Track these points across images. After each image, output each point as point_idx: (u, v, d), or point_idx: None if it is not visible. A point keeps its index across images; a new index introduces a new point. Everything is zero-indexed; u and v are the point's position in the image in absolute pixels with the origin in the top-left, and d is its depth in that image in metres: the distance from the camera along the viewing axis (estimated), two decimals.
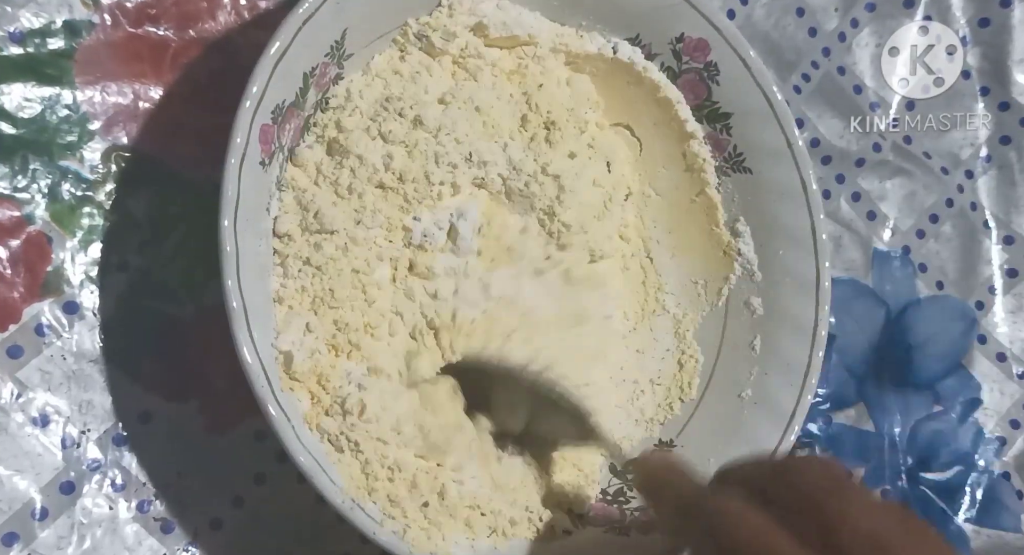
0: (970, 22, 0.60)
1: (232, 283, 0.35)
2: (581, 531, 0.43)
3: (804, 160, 0.47)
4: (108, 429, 0.40)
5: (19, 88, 0.40)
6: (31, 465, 0.38)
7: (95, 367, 0.40)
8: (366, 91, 0.42)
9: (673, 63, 0.48)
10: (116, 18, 0.42)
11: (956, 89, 0.60)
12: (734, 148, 0.48)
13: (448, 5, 0.43)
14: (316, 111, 0.41)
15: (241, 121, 0.35)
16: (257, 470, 0.42)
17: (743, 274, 0.48)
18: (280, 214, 0.39)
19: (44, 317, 0.39)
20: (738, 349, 0.48)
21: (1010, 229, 0.60)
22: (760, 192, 0.48)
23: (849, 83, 0.58)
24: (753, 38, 0.54)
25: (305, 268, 0.39)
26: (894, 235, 0.58)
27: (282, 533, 0.42)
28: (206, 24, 0.44)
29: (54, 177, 0.40)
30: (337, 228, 0.40)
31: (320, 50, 0.39)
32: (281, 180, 0.40)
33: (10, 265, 0.39)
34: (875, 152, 0.58)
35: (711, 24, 0.46)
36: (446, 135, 0.42)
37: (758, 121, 0.47)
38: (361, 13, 0.40)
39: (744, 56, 0.47)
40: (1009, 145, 0.60)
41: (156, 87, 0.42)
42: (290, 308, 0.39)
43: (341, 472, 0.37)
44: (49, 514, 0.38)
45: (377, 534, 0.37)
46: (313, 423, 0.38)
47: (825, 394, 0.55)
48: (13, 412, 0.38)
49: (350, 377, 0.39)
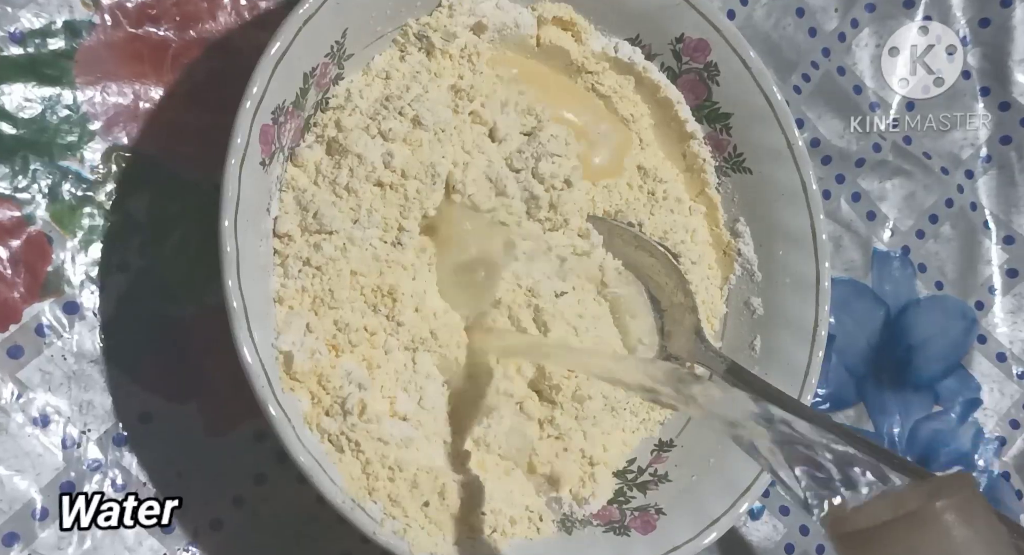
0: (970, 22, 0.60)
1: (232, 283, 0.35)
2: (581, 531, 0.43)
3: (804, 160, 0.47)
4: (108, 429, 0.40)
5: (19, 88, 0.40)
6: (31, 465, 0.38)
7: (95, 367, 0.40)
8: (366, 91, 0.42)
9: (673, 63, 0.48)
10: (116, 18, 0.42)
11: (956, 89, 0.60)
12: (734, 148, 0.48)
13: (448, 5, 0.43)
14: (316, 111, 0.41)
15: (241, 121, 0.35)
16: (257, 470, 0.42)
17: (743, 274, 0.49)
18: (280, 214, 0.39)
19: (44, 317, 0.39)
20: (738, 349, 0.48)
21: (1010, 229, 0.60)
22: (760, 192, 0.48)
23: (849, 83, 0.58)
24: (753, 38, 0.54)
25: (305, 268, 0.39)
26: (894, 235, 0.58)
27: (282, 533, 0.42)
28: (206, 24, 0.44)
29: (54, 177, 0.40)
30: (336, 228, 0.40)
31: (320, 50, 0.39)
32: (281, 180, 0.40)
33: (10, 265, 0.39)
34: (875, 152, 0.58)
35: (711, 24, 0.46)
36: (446, 134, 0.42)
37: (758, 121, 0.47)
38: (361, 13, 0.40)
39: (744, 56, 0.47)
40: (1009, 145, 0.61)
41: (156, 87, 0.42)
42: (290, 308, 0.39)
43: (341, 472, 0.37)
44: (49, 514, 0.38)
45: (377, 534, 0.37)
46: (313, 423, 0.38)
47: (825, 394, 0.55)
48: (13, 412, 0.38)
49: (350, 377, 0.39)
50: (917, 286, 0.58)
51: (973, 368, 0.58)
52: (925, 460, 0.56)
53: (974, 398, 0.58)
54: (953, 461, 0.57)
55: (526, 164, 0.43)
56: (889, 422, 0.56)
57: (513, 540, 0.41)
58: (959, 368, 0.58)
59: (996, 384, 0.58)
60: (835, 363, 0.55)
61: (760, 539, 0.51)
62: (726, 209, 0.49)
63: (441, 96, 0.43)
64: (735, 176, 0.49)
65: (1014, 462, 0.58)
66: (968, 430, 0.57)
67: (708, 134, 0.49)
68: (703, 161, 0.49)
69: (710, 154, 0.49)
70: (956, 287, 0.59)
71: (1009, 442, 0.58)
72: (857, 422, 0.55)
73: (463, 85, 0.44)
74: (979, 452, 0.57)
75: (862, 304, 0.57)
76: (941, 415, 0.57)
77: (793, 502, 0.47)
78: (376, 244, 0.41)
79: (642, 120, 0.49)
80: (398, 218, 0.41)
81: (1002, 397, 0.58)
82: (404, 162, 0.41)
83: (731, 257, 0.49)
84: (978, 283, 0.59)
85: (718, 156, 0.49)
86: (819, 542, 0.52)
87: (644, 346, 0.46)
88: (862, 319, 0.56)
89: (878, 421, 0.56)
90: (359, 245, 0.40)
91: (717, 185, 0.49)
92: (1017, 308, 0.59)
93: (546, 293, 0.43)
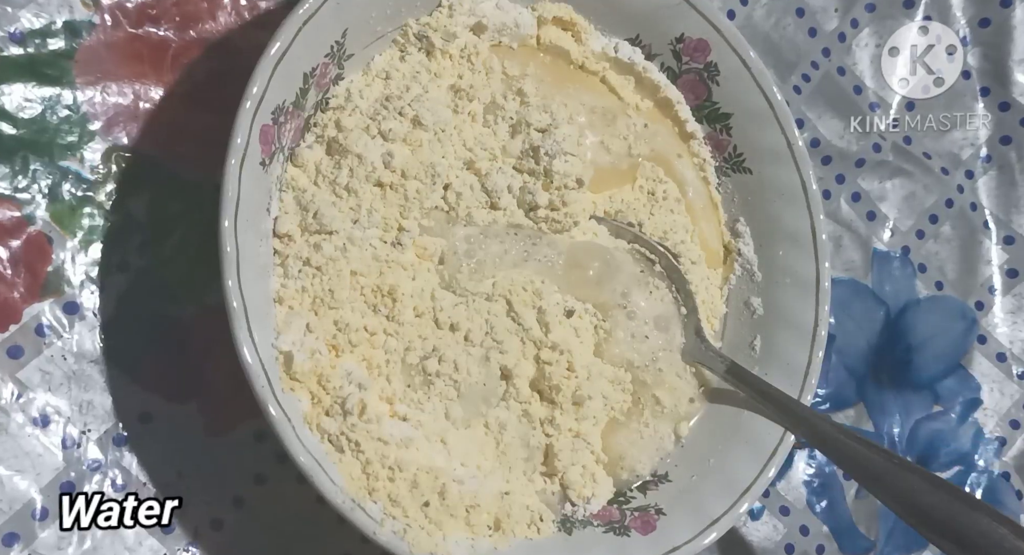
0: (970, 22, 0.60)
1: (232, 283, 0.35)
2: (581, 531, 0.43)
3: (804, 160, 0.47)
4: (108, 429, 0.40)
5: (19, 88, 0.40)
6: (31, 465, 0.38)
7: (95, 367, 0.40)
8: (366, 91, 0.42)
9: (673, 63, 0.48)
10: (116, 19, 0.42)
11: (956, 89, 0.60)
12: (734, 148, 0.48)
13: (448, 5, 0.43)
14: (316, 111, 0.41)
15: (241, 121, 0.35)
16: (257, 470, 0.42)
17: (743, 274, 0.49)
18: (280, 214, 0.39)
19: (44, 317, 0.39)
20: (738, 349, 0.48)
21: (1010, 229, 0.60)
22: (760, 192, 0.48)
23: (849, 83, 0.58)
24: (753, 38, 0.54)
25: (305, 268, 0.39)
26: (894, 235, 0.58)
27: (282, 533, 0.42)
28: (206, 24, 0.44)
29: (54, 177, 0.40)
30: (336, 228, 0.40)
31: (320, 50, 0.39)
32: (281, 180, 0.40)
33: (10, 265, 0.39)
34: (875, 152, 0.58)
35: (711, 24, 0.46)
36: (446, 134, 0.42)
37: (758, 121, 0.47)
38: (361, 13, 0.40)
39: (744, 56, 0.47)
40: (1009, 145, 0.60)
41: (156, 87, 0.42)
42: (290, 308, 0.39)
43: (341, 472, 0.37)
44: (49, 514, 0.38)
45: (377, 534, 0.37)
46: (313, 423, 0.38)
47: (825, 394, 0.55)
48: (13, 412, 0.38)
49: (350, 377, 0.39)
50: (917, 286, 0.58)
51: (973, 368, 0.58)
52: (925, 460, 0.56)
53: (974, 398, 0.58)
54: (953, 461, 0.57)
55: (538, 162, 0.43)
56: (889, 422, 0.56)
57: (513, 540, 0.41)
58: (959, 368, 0.58)
59: (996, 384, 0.58)
60: (835, 363, 0.55)
61: (760, 539, 0.51)
62: (726, 209, 0.49)
63: (441, 96, 0.43)
64: (735, 176, 0.49)
65: (1014, 462, 0.58)
66: (968, 430, 0.57)
67: (708, 134, 0.49)
68: (703, 161, 0.49)
69: (710, 154, 0.49)
70: (956, 287, 0.59)
71: (1009, 442, 0.58)
72: (857, 422, 0.55)
73: (463, 85, 0.44)
74: (979, 452, 0.57)
75: (862, 304, 0.57)
76: (941, 415, 0.57)
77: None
78: (376, 244, 0.41)
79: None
80: (398, 218, 0.41)
81: (1002, 397, 0.58)
82: (404, 162, 0.41)
83: (731, 257, 0.49)
84: (978, 283, 0.59)
85: (718, 156, 0.49)
86: (819, 542, 0.52)
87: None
88: (862, 319, 0.56)
89: (878, 421, 0.56)
90: (359, 245, 0.40)
91: (717, 185, 0.49)
92: (1017, 308, 0.59)
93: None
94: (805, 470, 0.53)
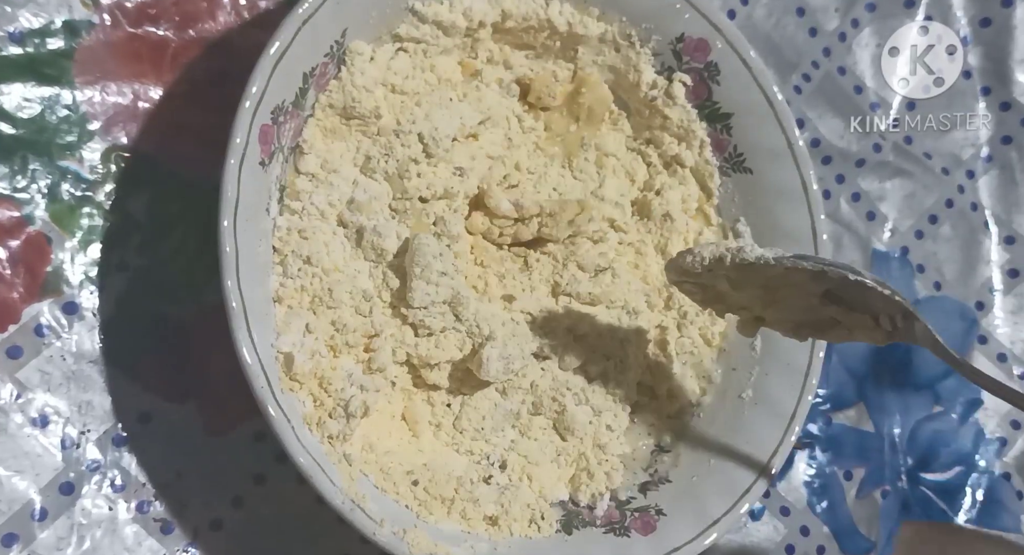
0: (971, 22, 0.60)
1: (232, 283, 0.35)
2: (581, 531, 0.43)
3: (804, 160, 0.47)
4: (108, 430, 0.40)
5: (19, 88, 0.40)
6: (31, 466, 0.38)
7: (95, 367, 0.40)
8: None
9: (673, 63, 0.48)
10: (116, 18, 0.42)
11: (957, 89, 0.60)
12: (734, 148, 0.48)
13: (448, 4, 0.43)
14: (316, 111, 0.41)
15: (241, 121, 0.35)
16: (257, 470, 0.42)
17: None
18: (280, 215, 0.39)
19: (44, 317, 0.39)
20: (739, 349, 0.48)
21: (1011, 229, 0.60)
22: (760, 192, 0.48)
23: (849, 83, 0.58)
24: (753, 38, 0.54)
25: (305, 267, 0.39)
26: (893, 236, 0.58)
27: (282, 533, 0.42)
28: (206, 24, 0.44)
29: (54, 177, 0.40)
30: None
31: (320, 50, 0.39)
32: (281, 180, 0.40)
33: (10, 265, 0.39)
34: (875, 152, 0.58)
35: (711, 24, 0.46)
36: (446, 133, 0.42)
37: (758, 121, 0.47)
38: (361, 13, 0.40)
39: (744, 56, 0.47)
40: (1010, 145, 0.60)
41: (156, 87, 0.42)
42: (289, 308, 0.39)
43: (341, 472, 0.37)
44: (49, 515, 0.38)
45: (377, 534, 0.37)
46: (313, 424, 0.38)
47: (825, 394, 0.55)
48: (13, 413, 0.38)
49: (351, 379, 0.39)
50: (916, 286, 0.58)
51: None
52: (926, 460, 0.56)
53: (975, 398, 0.58)
54: (954, 462, 0.56)
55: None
56: (889, 422, 0.56)
57: (513, 539, 0.41)
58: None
59: None
60: (835, 363, 0.55)
61: (760, 540, 0.51)
62: (726, 209, 0.49)
63: (441, 96, 0.43)
64: (735, 176, 0.49)
65: (1015, 462, 0.57)
66: (969, 430, 0.57)
67: (708, 134, 0.49)
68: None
69: (710, 154, 0.49)
70: (955, 287, 0.59)
71: (1010, 442, 0.58)
72: (857, 422, 0.55)
73: (464, 85, 0.44)
74: (980, 452, 0.57)
75: None
76: (942, 415, 0.57)
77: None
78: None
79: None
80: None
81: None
82: (403, 160, 0.41)
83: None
84: (978, 283, 0.59)
85: (718, 156, 0.49)
86: (820, 543, 0.52)
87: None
88: None
89: (878, 421, 0.56)
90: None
91: (717, 185, 0.49)
92: (1018, 308, 0.59)
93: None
94: (805, 471, 0.53)
